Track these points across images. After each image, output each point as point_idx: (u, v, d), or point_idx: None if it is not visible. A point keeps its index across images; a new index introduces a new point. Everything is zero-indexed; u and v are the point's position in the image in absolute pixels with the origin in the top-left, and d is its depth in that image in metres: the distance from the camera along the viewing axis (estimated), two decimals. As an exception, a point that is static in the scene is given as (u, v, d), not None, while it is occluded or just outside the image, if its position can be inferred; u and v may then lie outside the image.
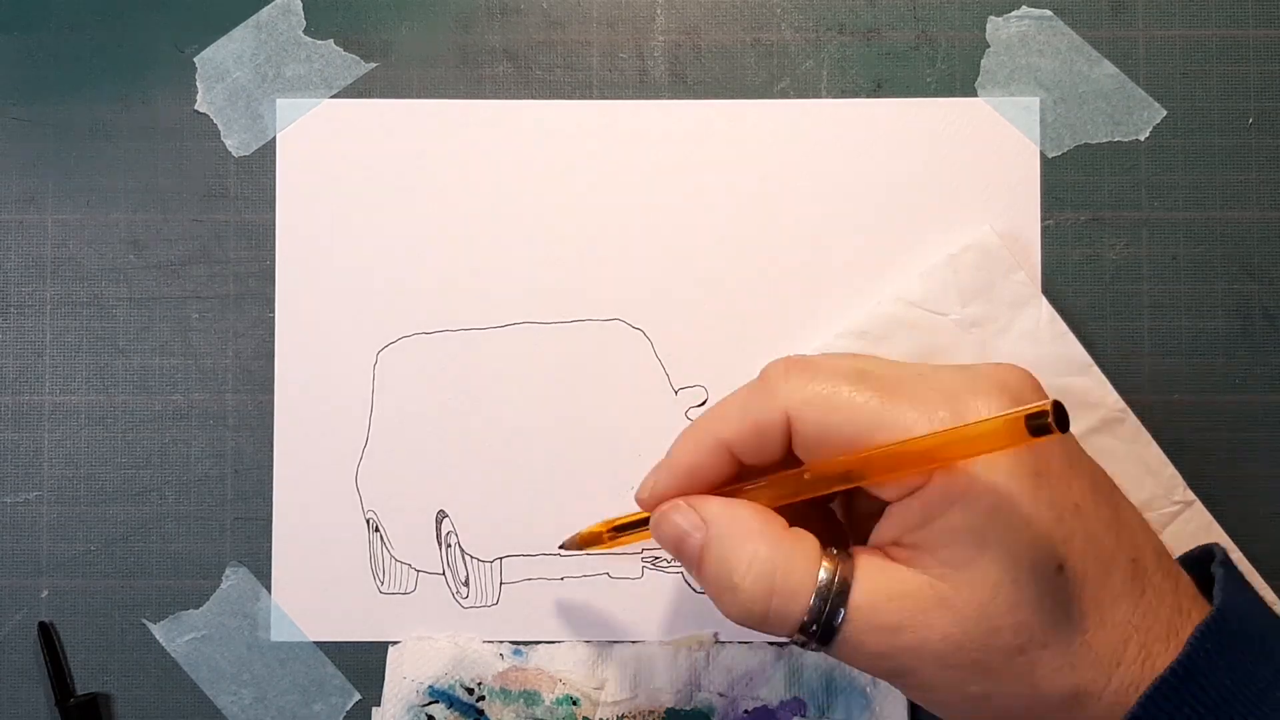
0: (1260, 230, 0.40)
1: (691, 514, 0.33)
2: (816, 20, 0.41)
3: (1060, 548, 0.30)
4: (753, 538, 0.32)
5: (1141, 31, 0.41)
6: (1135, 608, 0.31)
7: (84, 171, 0.41)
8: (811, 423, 0.31)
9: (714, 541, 0.32)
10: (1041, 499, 0.30)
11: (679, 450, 0.34)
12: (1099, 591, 0.30)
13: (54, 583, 0.41)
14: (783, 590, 0.31)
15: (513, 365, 0.40)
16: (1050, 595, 0.30)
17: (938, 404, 0.30)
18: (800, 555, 0.31)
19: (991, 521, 0.30)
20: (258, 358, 0.41)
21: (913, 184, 0.40)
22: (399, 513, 0.40)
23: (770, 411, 0.32)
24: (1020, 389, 0.31)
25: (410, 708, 0.39)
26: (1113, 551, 0.31)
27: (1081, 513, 0.31)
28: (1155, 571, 0.31)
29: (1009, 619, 0.30)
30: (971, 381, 0.31)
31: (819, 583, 0.31)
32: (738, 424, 0.33)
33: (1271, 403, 0.40)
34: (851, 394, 0.31)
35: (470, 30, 0.41)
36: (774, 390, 0.32)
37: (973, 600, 0.30)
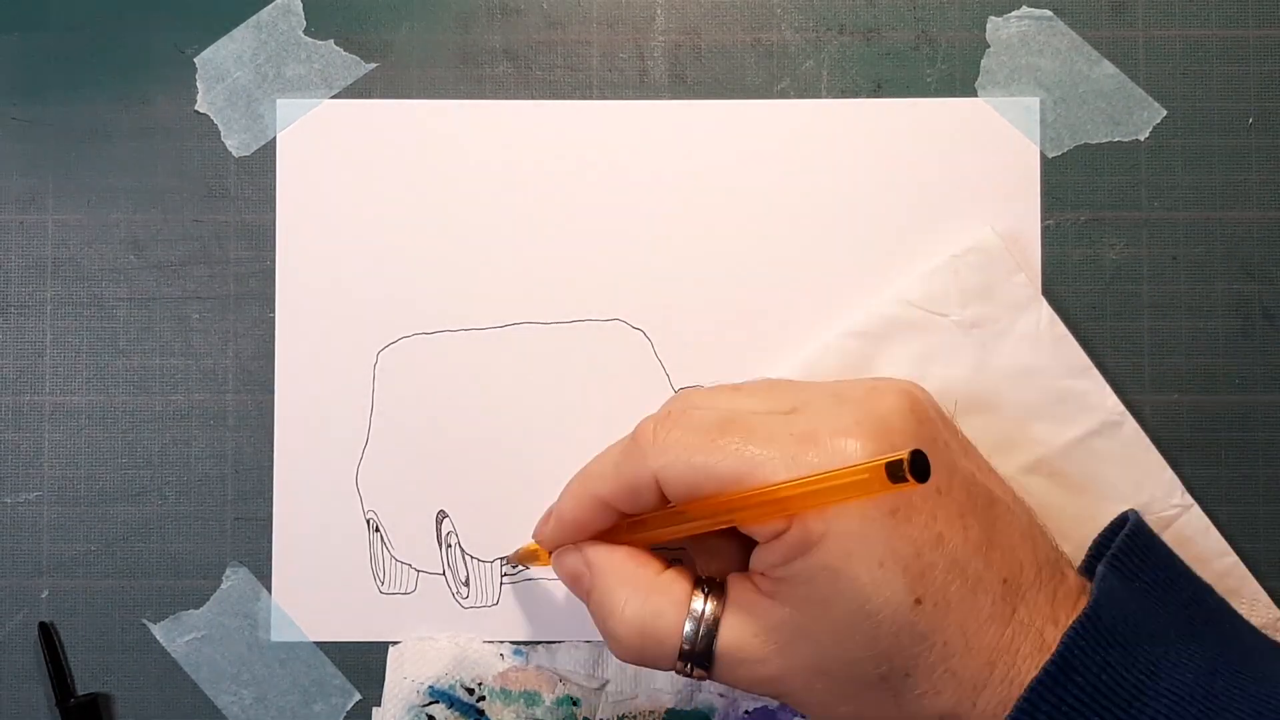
0: (1260, 230, 0.40)
1: (579, 557, 0.36)
2: (816, 20, 0.41)
3: (918, 581, 0.31)
4: (625, 584, 0.34)
5: (1141, 31, 0.41)
6: (1004, 629, 0.31)
7: (84, 171, 0.41)
8: (676, 481, 0.33)
9: (594, 587, 0.35)
10: (898, 534, 0.31)
11: (563, 505, 0.36)
12: (963, 618, 0.31)
13: (54, 583, 0.41)
14: (653, 634, 0.33)
15: (513, 365, 0.40)
16: (908, 628, 0.31)
17: (797, 449, 0.31)
18: (669, 598, 0.33)
19: (845, 561, 0.31)
20: (258, 358, 0.41)
21: (913, 184, 0.40)
22: (399, 513, 0.40)
23: (640, 474, 0.33)
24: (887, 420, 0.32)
25: (410, 708, 0.39)
26: (980, 575, 0.31)
27: (944, 541, 0.31)
28: (1031, 586, 0.32)
29: (867, 651, 0.31)
30: (835, 419, 0.32)
31: (688, 623, 0.33)
32: (613, 484, 0.34)
33: (1271, 403, 0.40)
34: (711, 450, 0.32)
35: (470, 30, 0.41)
36: (643, 451, 0.33)
37: (830, 634, 0.31)
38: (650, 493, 0.34)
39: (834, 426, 0.32)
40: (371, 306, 0.41)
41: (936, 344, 0.39)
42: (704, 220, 0.41)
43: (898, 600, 0.31)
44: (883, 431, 0.31)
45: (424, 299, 0.41)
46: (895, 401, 0.33)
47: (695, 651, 0.33)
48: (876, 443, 0.31)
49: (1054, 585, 0.32)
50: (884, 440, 0.31)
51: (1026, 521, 0.34)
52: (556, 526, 0.36)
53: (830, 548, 0.31)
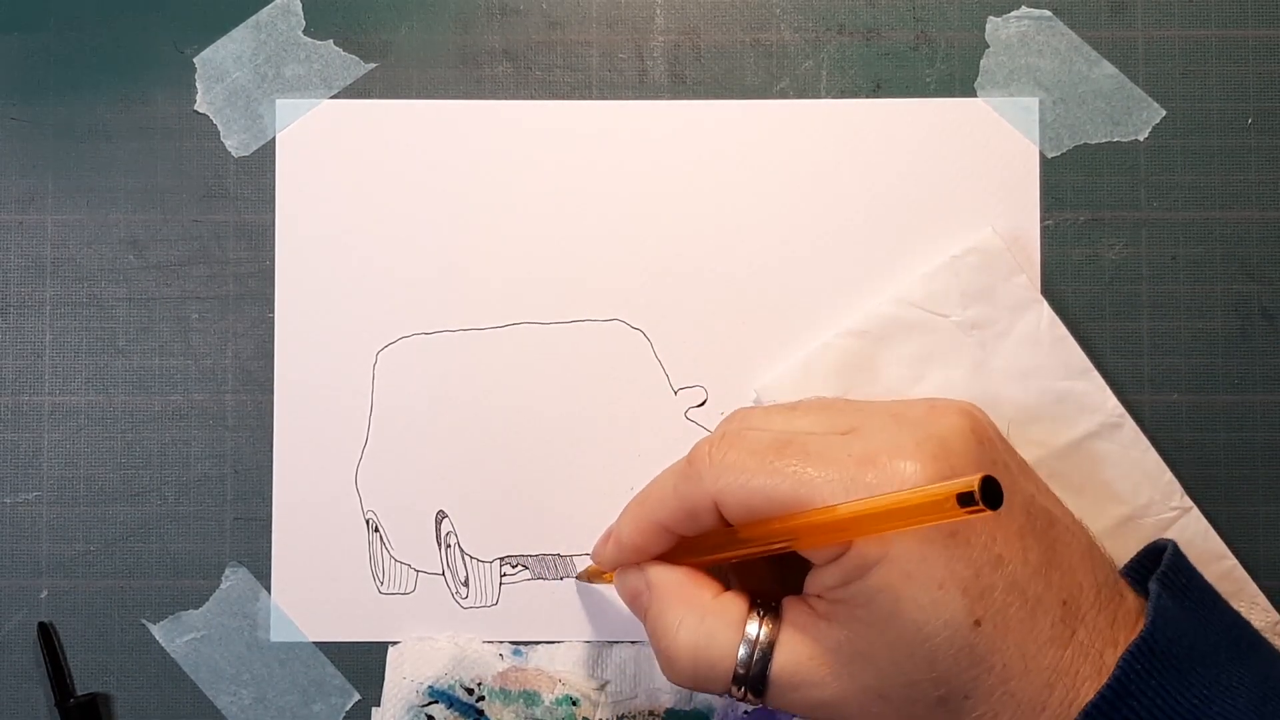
0: (1260, 230, 0.41)
1: (640, 577, 0.36)
2: (816, 20, 0.41)
3: (977, 603, 0.30)
4: (680, 604, 0.34)
5: (1141, 31, 0.41)
6: (1064, 651, 0.31)
7: (84, 171, 0.41)
8: (734, 503, 0.33)
9: (651, 606, 0.35)
10: (958, 556, 0.31)
11: (622, 528, 0.36)
12: (1023, 640, 0.31)
13: (54, 583, 0.41)
14: (705, 657, 0.33)
15: (513, 365, 0.40)
16: (968, 649, 0.31)
17: (855, 471, 0.31)
18: (723, 621, 0.33)
19: (905, 583, 0.30)
20: (258, 358, 0.41)
21: (912, 184, 0.40)
22: (399, 513, 0.40)
23: (698, 497, 0.33)
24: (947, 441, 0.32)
25: (410, 708, 0.39)
26: (1039, 597, 0.31)
27: (1003, 563, 0.31)
28: (1091, 608, 0.32)
29: (926, 674, 0.31)
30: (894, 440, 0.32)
31: (742, 646, 0.33)
32: (671, 508, 0.34)
33: (1271, 403, 0.40)
34: (770, 472, 0.32)
35: (470, 30, 0.41)
36: (700, 474, 0.33)
37: (889, 656, 0.31)
38: (708, 515, 0.33)
39: (893, 447, 0.31)
40: (371, 306, 0.41)
41: (937, 344, 0.39)
42: (704, 220, 0.41)
43: (957, 622, 0.30)
44: (943, 453, 0.31)
45: (424, 299, 0.41)
46: (955, 422, 0.32)
47: (750, 675, 0.33)
48: (937, 464, 0.31)
49: (1114, 607, 0.32)
50: (944, 462, 0.31)
51: (1085, 542, 0.33)
52: (615, 550, 0.36)
53: (889, 569, 0.31)
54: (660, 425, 0.40)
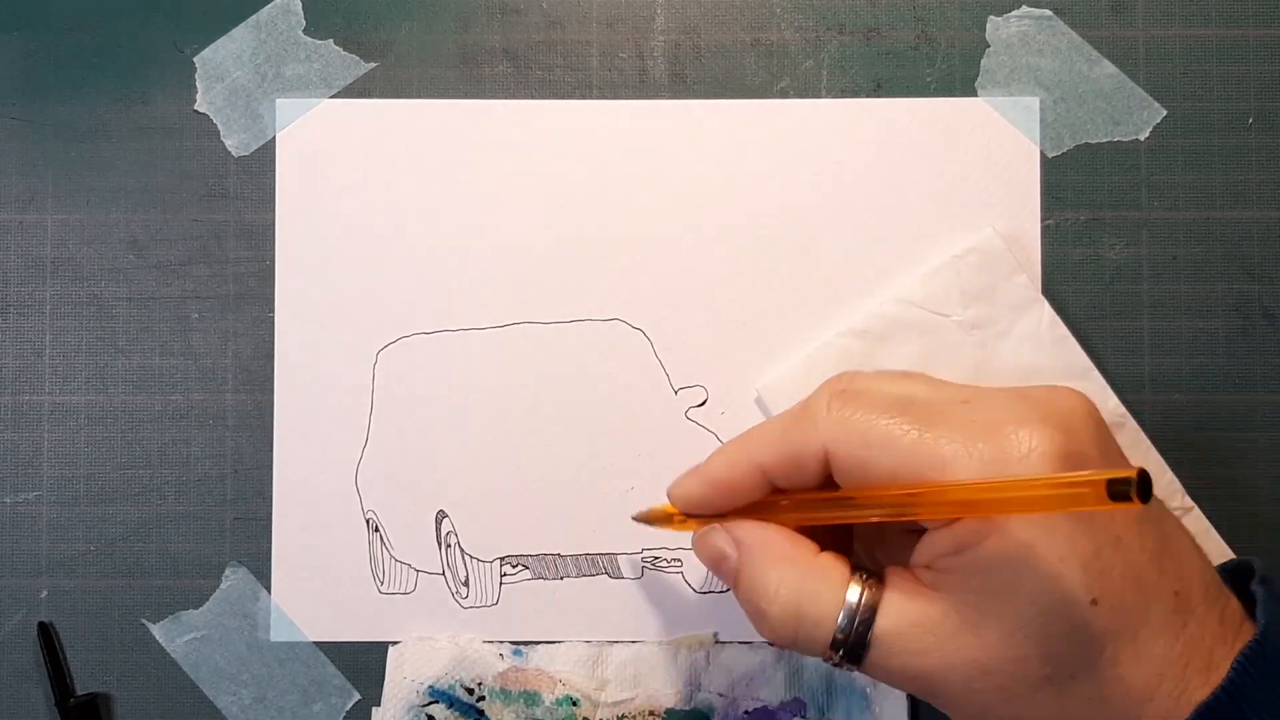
0: (1260, 230, 0.40)
1: (726, 537, 0.34)
2: (816, 20, 0.41)
3: (1096, 582, 0.30)
4: (781, 563, 0.32)
5: (1141, 31, 0.41)
6: (1175, 641, 0.30)
7: (84, 171, 0.41)
8: (847, 458, 0.31)
9: (745, 566, 0.33)
10: (1079, 532, 0.30)
11: (715, 465, 0.34)
12: (1136, 625, 0.30)
13: (54, 583, 0.41)
14: (809, 616, 0.32)
15: (513, 365, 0.40)
16: (1082, 628, 0.30)
17: (978, 436, 0.30)
18: (827, 582, 0.32)
19: (1025, 554, 0.30)
20: (258, 358, 0.41)
21: (913, 184, 0.40)
22: (399, 513, 0.40)
23: (809, 444, 0.32)
24: (1070, 419, 0.31)
25: (410, 708, 0.39)
26: (1155, 584, 0.30)
27: (1122, 545, 0.30)
28: (1200, 602, 0.31)
29: (1037, 649, 0.30)
30: (1018, 410, 0.31)
31: (844, 609, 0.31)
32: (776, 451, 0.33)
33: (1271, 403, 0.40)
34: (889, 428, 0.31)
35: (470, 30, 0.41)
36: (815, 422, 0.32)
37: (1000, 629, 0.30)
38: (814, 466, 0.32)
39: (1017, 418, 0.30)
40: (371, 306, 0.41)
41: (938, 344, 0.39)
42: (704, 220, 0.41)
43: (1074, 598, 0.29)
44: (1068, 429, 0.30)
45: (424, 299, 0.41)
46: (1077, 403, 0.32)
47: (850, 640, 0.31)
48: (1063, 439, 0.30)
49: (1221, 604, 0.31)
50: (1069, 438, 0.30)
51: (1191, 540, 0.32)
52: (701, 485, 0.34)
53: (1008, 540, 0.29)
54: (660, 425, 0.40)
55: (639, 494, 0.40)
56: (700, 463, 0.34)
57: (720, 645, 0.40)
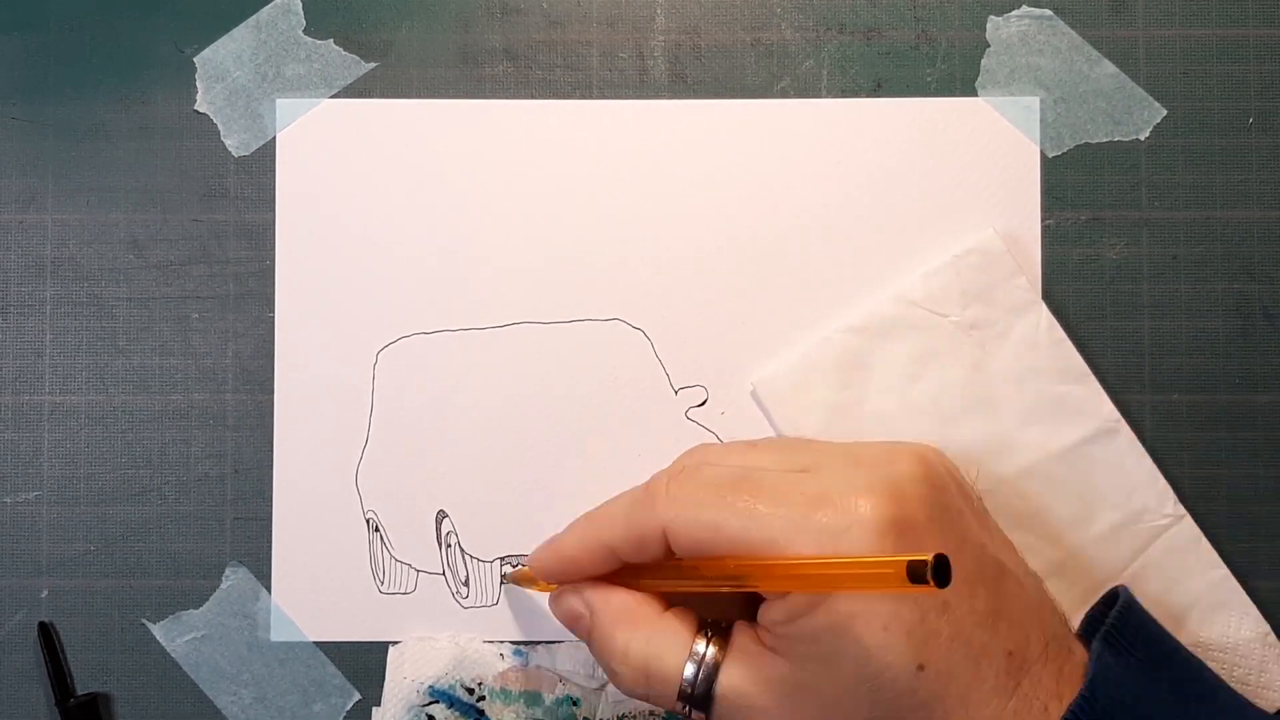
0: (1260, 230, 0.40)
1: (579, 600, 0.36)
2: (816, 20, 0.41)
3: (921, 648, 0.31)
4: (626, 627, 0.34)
5: (1141, 31, 0.41)
6: (1006, 702, 0.31)
7: (84, 171, 0.41)
8: (685, 538, 0.33)
9: (595, 628, 0.35)
10: (905, 600, 0.31)
11: (566, 542, 0.36)
12: (966, 688, 0.31)
13: (54, 583, 0.41)
14: (656, 674, 0.34)
15: (513, 365, 0.40)
16: (909, 694, 0.31)
17: (808, 510, 0.31)
18: (672, 641, 0.34)
19: (850, 623, 0.31)
20: (258, 358, 0.41)
21: (913, 184, 0.40)
22: (399, 513, 0.40)
23: (649, 525, 0.34)
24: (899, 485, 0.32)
25: (410, 708, 0.39)
26: (985, 646, 0.31)
27: (950, 610, 0.31)
28: (1037, 661, 0.32)
29: (866, 713, 0.31)
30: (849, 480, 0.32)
31: (690, 662, 0.33)
32: (620, 532, 0.35)
33: (1271, 403, 0.40)
34: (722, 506, 0.32)
35: (470, 30, 0.41)
36: (654, 503, 0.34)
37: (831, 693, 0.31)
38: (657, 544, 0.34)
39: (847, 487, 0.31)
40: (371, 306, 0.41)
41: (936, 343, 0.39)
42: (704, 220, 0.41)
43: (900, 665, 0.30)
44: (896, 496, 0.31)
45: (424, 299, 0.41)
46: (910, 466, 0.33)
47: (695, 694, 0.33)
48: (890, 506, 0.31)
49: (1060, 661, 0.32)
50: (897, 505, 0.31)
51: (1036, 595, 0.33)
52: (555, 561, 0.36)
53: (835, 609, 0.31)
54: (660, 425, 0.40)
55: (639, 494, 0.40)
56: (557, 534, 0.37)
57: (720, 645, 0.40)
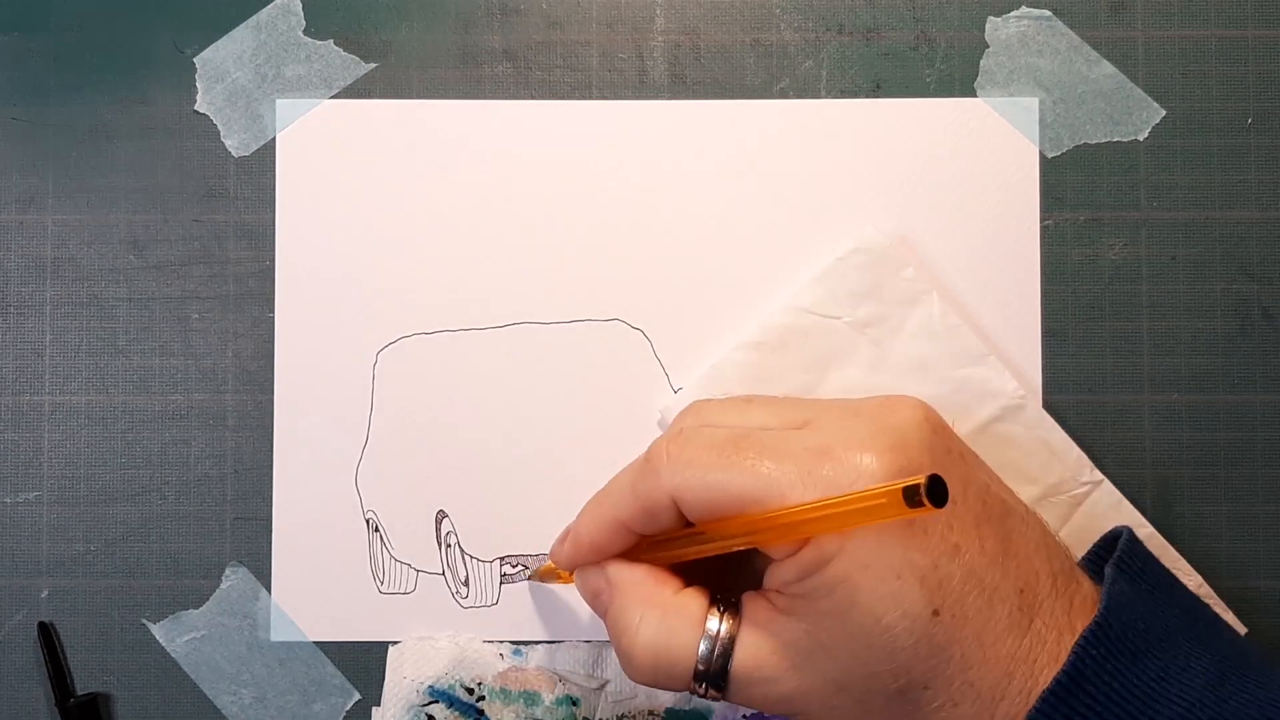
0: (1260, 230, 0.41)
1: (601, 576, 0.36)
2: (816, 20, 0.41)
3: (935, 593, 0.31)
4: (642, 603, 0.34)
5: (1141, 31, 0.41)
6: (1021, 639, 0.31)
7: (84, 171, 0.41)
8: (693, 501, 0.33)
9: (612, 603, 0.35)
10: (914, 546, 0.31)
11: (581, 527, 0.36)
12: (980, 629, 0.31)
13: (54, 583, 0.41)
14: (665, 655, 0.33)
15: (513, 365, 0.40)
16: (926, 639, 0.31)
17: (811, 463, 0.31)
18: (686, 618, 0.33)
19: (862, 574, 0.31)
20: (258, 358, 0.41)
21: (912, 184, 0.40)
22: (399, 513, 0.40)
23: (656, 493, 0.33)
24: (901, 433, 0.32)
25: (410, 708, 0.39)
26: (996, 585, 0.31)
27: (960, 552, 0.31)
28: (1048, 596, 0.32)
29: (886, 664, 0.31)
30: (850, 431, 0.32)
31: (704, 640, 0.33)
32: (630, 504, 0.34)
33: (1271, 403, 0.40)
34: (727, 467, 0.32)
35: (470, 30, 0.41)
36: (657, 471, 0.33)
37: (848, 647, 0.31)
38: (667, 512, 0.33)
39: (848, 440, 0.31)
40: (371, 306, 0.41)
41: (832, 346, 0.39)
42: (704, 220, 0.41)
43: (915, 612, 0.31)
44: (899, 444, 0.31)
45: (424, 299, 0.41)
46: (909, 414, 0.33)
47: (710, 671, 0.33)
48: (894, 455, 0.31)
49: (1070, 594, 0.32)
50: (900, 453, 0.31)
51: (1040, 532, 0.33)
52: (574, 548, 0.36)
53: (846, 562, 0.31)
54: (660, 425, 0.40)
55: (639, 494, 0.40)
56: (572, 523, 0.36)
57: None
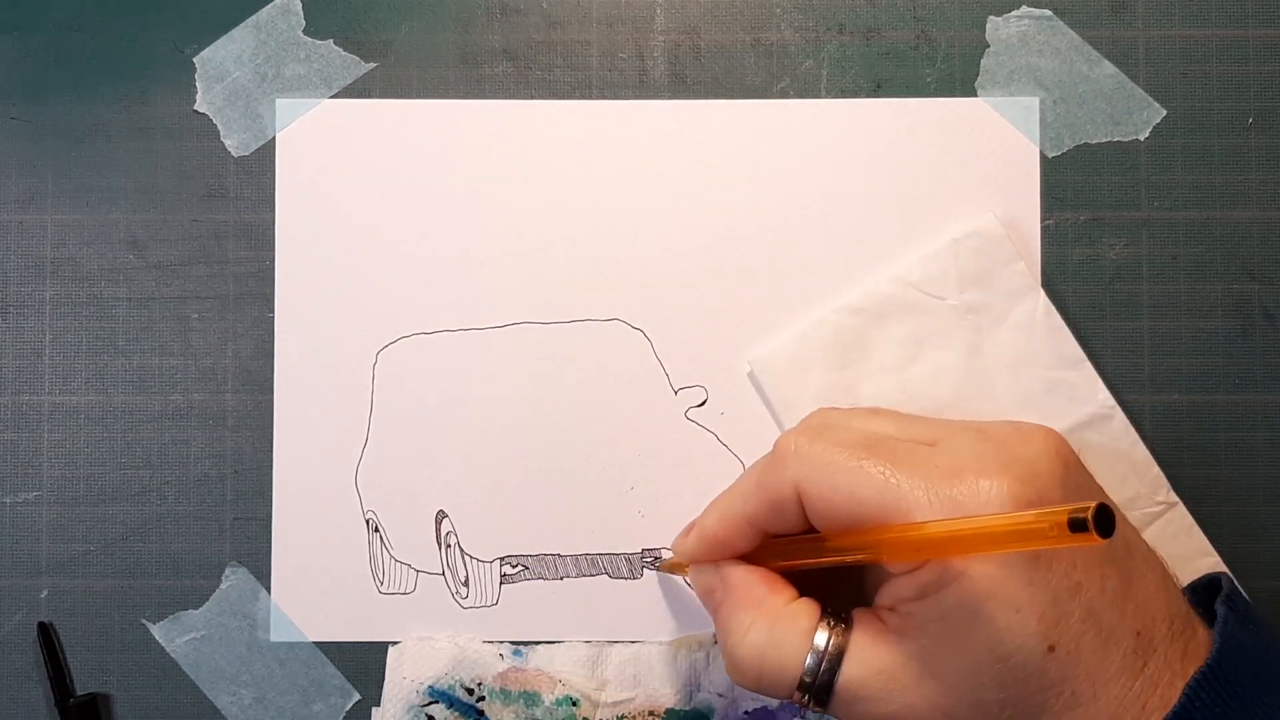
0: (1260, 230, 0.40)
1: (715, 576, 0.35)
2: (816, 20, 0.41)
3: (1052, 629, 0.30)
4: (752, 608, 0.34)
5: (1141, 31, 0.41)
6: (1135, 681, 0.31)
7: (84, 171, 0.41)
8: (817, 497, 0.32)
9: (723, 604, 0.35)
10: (1037, 580, 0.30)
11: (707, 522, 0.35)
12: (1094, 669, 0.31)
13: (54, 583, 0.41)
14: (771, 663, 0.33)
15: (513, 365, 0.40)
16: (1039, 675, 0.30)
17: (941, 483, 0.31)
18: (794, 627, 0.33)
19: (983, 602, 0.30)
20: (258, 358, 0.41)
21: (912, 184, 0.40)
22: (399, 513, 0.40)
23: (783, 486, 0.33)
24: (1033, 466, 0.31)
25: (410, 708, 0.39)
26: (1115, 626, 0.31)
27: (1081, 591, 0.31)
28: (1164, 639, 0.31)
29: (995, 695, 0.31)
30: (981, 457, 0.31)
31: (811, 653, 0.32)
32: (756, 499, 0.34)
33: (1271, 403, 0.40)
34: (855, 471, 0.32)
35: (470, 30, 0.41)
36: (784, 464, 0.33)
37: (959, 675, 0.31)
38: (792, 507, 0.33)
39: (980, 465, 0.31)
40: (371, 306, 0.41)
41: (932, 326, 0.39)
42: (703, 220, 0.41)
43: (1030, 646, 0.30)
44: (1030, 475, 0.31)
45: (424, 299, 0.41)
46: (1042, 446, 0.32)
47: (816, 684, 0.32)
48: (1024, 487, 0.30)
49: (1185, 639, 0.32)
50: (1030, 485, 0.30)
51: (1160, 573, 0.33)
52: (698, 542, 0.36)
53: (967, 587, 0.30)
54: (660, 425, 0.40)
55: (639, 494, 0.40)
56: (697, 518, 0.36)
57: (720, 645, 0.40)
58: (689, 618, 0.40)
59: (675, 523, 0.39)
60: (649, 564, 0.40)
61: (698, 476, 0.40)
